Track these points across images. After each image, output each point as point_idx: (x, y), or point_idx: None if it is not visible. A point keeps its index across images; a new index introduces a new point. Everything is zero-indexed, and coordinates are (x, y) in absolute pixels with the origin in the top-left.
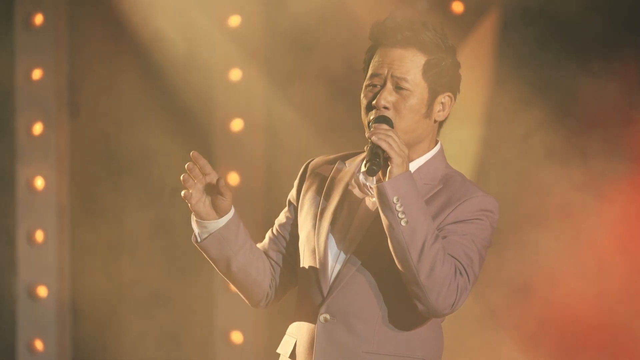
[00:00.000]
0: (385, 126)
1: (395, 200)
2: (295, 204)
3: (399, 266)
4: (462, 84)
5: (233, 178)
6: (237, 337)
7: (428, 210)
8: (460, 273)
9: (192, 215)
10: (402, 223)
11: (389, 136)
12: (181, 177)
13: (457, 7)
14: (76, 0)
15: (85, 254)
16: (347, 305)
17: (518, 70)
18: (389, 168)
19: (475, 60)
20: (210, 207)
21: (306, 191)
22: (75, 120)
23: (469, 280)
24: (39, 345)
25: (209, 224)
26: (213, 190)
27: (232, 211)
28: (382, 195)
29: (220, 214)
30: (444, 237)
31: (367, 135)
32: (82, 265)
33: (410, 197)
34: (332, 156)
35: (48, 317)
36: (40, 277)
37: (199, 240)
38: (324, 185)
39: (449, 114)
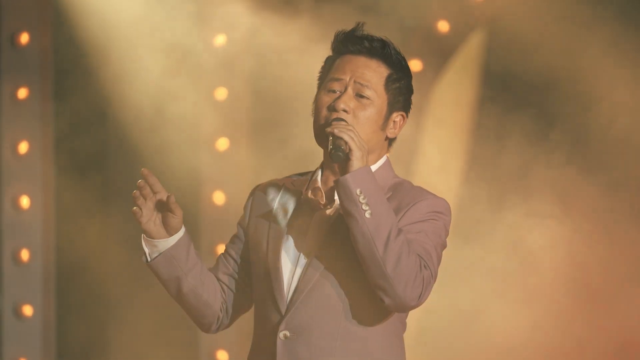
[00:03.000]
0: (345, 122)
1: (358, 193)
2: (244, 227)
3: (363, 261)
4: (447, 102)
5: (219, 197)
6: (222, 356)
7: (389, 205)
8: (425, 267)
9: (142, 235)
10: (367, 215)
11: (350, 130)
12: (133, 194)
13: (443, 27)
14: (61, 19)
15: (71, 273)
16: (307, 320)
17: (504, 89)
18: (350, 162)
19: (461, 80)
20: (160, 226)
21: (256, 214)
22: (61, 139)
23: (432, 274)
24: None
25: (159, 243)
26: (163, 208)
27: (183, 230)
28: (344, 188)
29: (170, 232)
30: None
31: (327, 130)
32: (67, 285)
33: (372, 190)
34: (279, 179)
35: (33, 337)
36: (26, 296)
37: (149, 259)
38: (273, 207)
39: (398, 134)
